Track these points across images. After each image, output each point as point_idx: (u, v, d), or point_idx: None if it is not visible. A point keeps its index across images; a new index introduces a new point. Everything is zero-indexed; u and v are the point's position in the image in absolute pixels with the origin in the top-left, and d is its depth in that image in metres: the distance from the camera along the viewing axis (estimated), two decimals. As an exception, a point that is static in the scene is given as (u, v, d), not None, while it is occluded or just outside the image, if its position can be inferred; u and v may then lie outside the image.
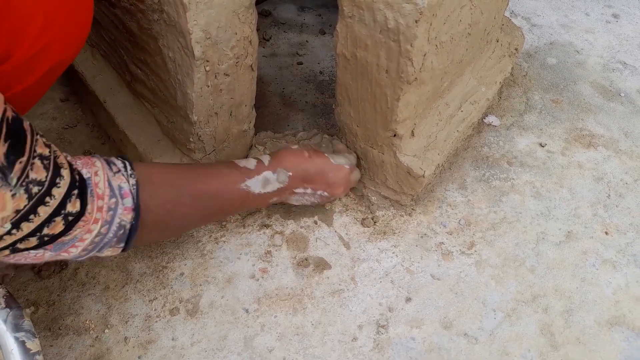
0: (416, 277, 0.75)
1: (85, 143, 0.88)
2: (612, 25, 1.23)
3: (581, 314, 0.73)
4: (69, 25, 0.50)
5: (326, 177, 0.70)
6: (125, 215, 0.51)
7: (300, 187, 0.69)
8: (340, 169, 0.71)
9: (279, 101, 0.98)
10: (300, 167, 0.68)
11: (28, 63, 0.48)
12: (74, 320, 0.68)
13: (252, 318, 0.70)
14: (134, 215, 0.52)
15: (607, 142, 0.96)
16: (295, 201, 0.72)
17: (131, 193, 0.51)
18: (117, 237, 0.51)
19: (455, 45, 0.71)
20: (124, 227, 0.51)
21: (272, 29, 1.14)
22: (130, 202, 0.51)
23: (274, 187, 0.66)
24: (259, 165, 0.66)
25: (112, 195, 0.50)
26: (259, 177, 0.65)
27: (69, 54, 0.53)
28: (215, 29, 0.58)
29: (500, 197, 0.86)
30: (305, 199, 0.72)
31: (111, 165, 0.52)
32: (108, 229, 0.50)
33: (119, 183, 0.51)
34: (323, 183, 0.70)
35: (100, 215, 0.49)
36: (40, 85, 0.53)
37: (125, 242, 0.53)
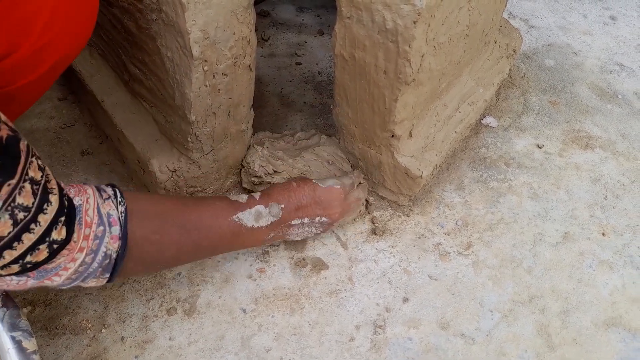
0: (413, 278, 0.75)
1: (82, 142, 0.88)
2: (610, 27, 1.23)
3: (578, 314, 0.73)
4: (74, 20, 0.50)
5: (319, 201, 0.68)
6: (111, 244, 0.49)
7: (295, 217, 0.67)
8: (331, 190, 0.70)
9: (277, 101, 0.98)
10: (291, 198, 0.67)
11: (33, 57, 0.48)
12: (71, 319, 0.68)
13: (249, 318, 0.70)
14: (121, 244, 0.50)
15: (604, 143, 0.96)
16: (297, 235, 0.70)
17: (119, 221, 0.50)
18: (102, 267, 0.50)
19: (453, 47, 0.72)
20: (109, 257, 0.50)
21: (270, 29, 1.14)
22: (118, 230, 0.50)
23: (267, 220, 0.65)
24: (251, 200, 0.65)
25: (100, 223, 0.49)
26: (251, 210, 0.64)
27: (73, 49, 0.52)
28: (214, 29, 0.59)
29: (498, 198, 0.86)
30: (305, 230, 0.70)
31: (101, 192, 0.51)
32: (93, 258, 0.49)
33: (107, 210, 0.50)
34: (317, 208, 0.69)
35: (86, 244, 0.48)
36: (44, 81, 0.53)
37: (111, 273, 0.51)
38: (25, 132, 0.88)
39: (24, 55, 0.47)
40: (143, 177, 0.78)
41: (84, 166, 0.84)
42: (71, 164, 0.84)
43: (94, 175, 0.83)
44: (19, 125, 0.88)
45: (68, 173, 0.83)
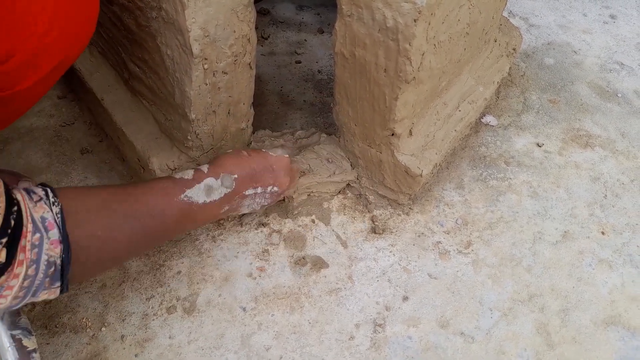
0: (413, 276, 0.75)
1: (82, 141, 0.87)
2: (610, 26, 1.23)
3: (577, 313, 0.73)
4: (75, 23, 0.49)
5: (270, 168, 0.67)
6: (52, 250, 0.45)
7: (249, 187, 0.65)
8: (281, 158, 0.69)
9: (277, 100, 0.98)
10: (244, 167, 0.64)
11: (33, 60, 0.47)
12: (71, 318, 0.68)
13: (249, 316, 0.70)
14: (63, 248, 0.46)
15: (604, 142, 0.96)
16: (247, 207, 0.67)
17: (56, 223, 0.45)
18: (49, 277, 0.45)
19: (454, 45, 0.71)
20: (54, 264, 0.45)
21: (270, 27, 1.14)
22: (57, 233, 0.45)
23: (220, 193, 0.61)
24: (198, 174, 0.61)
25: (35, 231, 0.44)
26: (200, 186, 0.60)
27: (74, 51, 0.52)
28: (214, 27, 0.58)
29: (498, 196, 0.86)
30: (256, 201, 0.68)
31: (31, 194, 0.46)
32: (36, 269, 0.44)
33: (41, 214, 0.45)
34: (270, 177, 0.67)
35: (24, 256, 0.43)
36: (45, 83, 0.52)
37: (61, 281, 0.47)
38: (25, 130, 0.88)
39: (24, 59, 0.46)
40: (143, 175, 0.78)
41: (83, 164, 0.84)
42: (71, 162, 0.84)
43: (94, 174, 0.83)
44: (18, 123, 0.88)
45: (67, 171, 0.83)
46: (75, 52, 0.52)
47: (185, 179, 0.60)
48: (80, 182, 0.82)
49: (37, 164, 0.83)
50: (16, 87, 0.48)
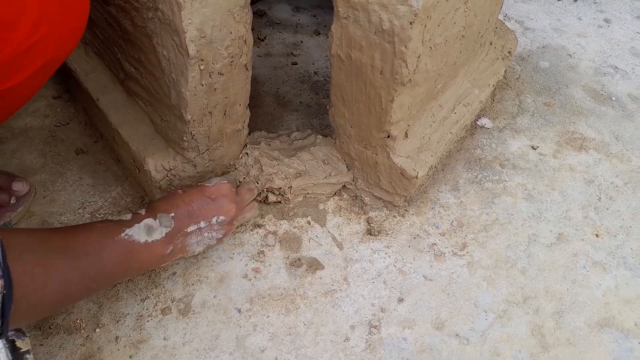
0: (408, 278, 0.75)
1: (77, 141, 0.87)
2: (604, 30, 1.24)
3: (571, 315, 0.74)
4: (64, 21, 0.49)
5: (209, 200, 0.66)
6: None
7: (191, 223, 0.64)
8: (219, 186, 0.67)
9: (273, 101, 0.98)
10: (180, 205, 0.64)
11: (20, 58, 0.46)
12: (65, 319, 0.67)
13: (244, 318, 0.70)
14: (3, 283, 0.43)
15: (598, 145, 0.97)
16: (197, 245, 0.66)
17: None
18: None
19: (449, 48, 0.72)
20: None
21: (266, 28, 1.14)
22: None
23: (161, 232, 0.61)
24: (136, 216, 0.61)
25: None
26: (140, 225, 0.59)
27: (63, 50, 0.51)
28: (210, 27, 0.58)
29: (493, 199, 0.86)
30: (205, 236, 0.66)
31: None
32: None
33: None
34: (210, 208, 0.66)
35: None
36: (35, 81, 0.51)
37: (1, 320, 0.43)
38: (19, 130, 0.87)
39: (11, 57, 0.45)
40: (138, 176, 0.78)
41: (78, 165, 0.84)
42: (65, 162, 0.84)
43: (89, 174, 0.83)
44: (13, 123, 0.87)
45: (62, 172, 0.83)
46: (65, 50, 0.51)
47: (124, 219, 0.60)
48: (75, 183, 0.81)
49: (31, 164, 0.83)
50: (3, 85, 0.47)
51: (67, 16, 0.49)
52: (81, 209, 0.78)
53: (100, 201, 0.79)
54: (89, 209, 0.78)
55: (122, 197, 0.80)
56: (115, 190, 0.81)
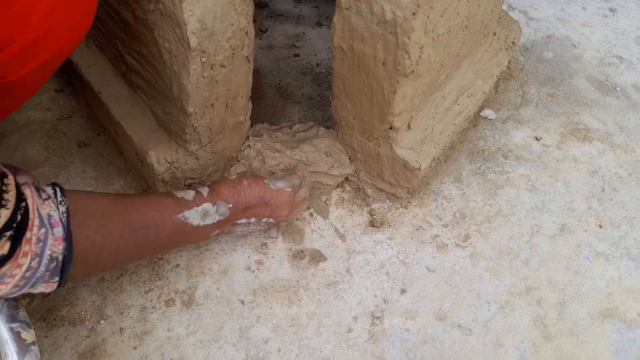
0: (411, 269, 0.75)
1: (80, 134, 0.87)
2: (609, 20, 1.23)
3: (574, 306, 0.74)
4: (72, 14, 0.49)
5: (268, 203, 0.68)
6: (56, 246, 0.47)
7: (242, 217, 0.67)
8: (281, 193, 0.69)
9: (275, 93, 0.98)
10: (240, 198, 0.65)
11: (29, 49, 0.47)
12: (70, 311, 0.68)
13: (247, 309, 0.70)
14: (66, 245, 0.48)
15: (602, 136, 0.96)
16: (240, 232, 0.69)
17: (61, 221, 0.48)
18: (49, 271, 0.48)
19: (452, 38, 0.71)
20: (55, 259, 0.48)
21: (268, 20, 1.13)
22: (61, 231, 0.48)
23: (213, 219, 0.63)
24: (198, 197, 0.63)
25: (41, 226, 0.46)
26: (198, 209, 0.62)
27: (71, 42, 0.51)
28: (212, 19, 0.58)
29: (496, 190, 0.86)
30: (250, 228, 0.69)
31: (40, 192, 0.49)
32: (39, 262, 0.47)
33: (48, 211, 0.47)
34: (266, 210, 0.68)
35: (29, 248, 0.45)
36: (41, 74, 0.52)
37: (60, 276, 0.49)
38: (22, 124, 0.87)
39: (20, 48, 0.46)
40: (141, 168, 0.78)
41: (81, 158, 0.84)
42: (68, 155, 0.84)
43: (92, 167, 0.83)
44: (16, 117, 0.88)
45: (65, 165, 0.83)
46: (72, 43, 0.52)
47: (186, 199, 0.62)
48: (78, 176, 0.82)
49: (34, 157, 0.83)
50: (11, 77, 0.48)
51: (77, 9, 0.49)
52: (85, 202, 0.78)
53: (103, 194, 0.80)
54: (93, 201, 0.78)
55: (125, 190, 0.81)
56: (118, 183, 0.81)
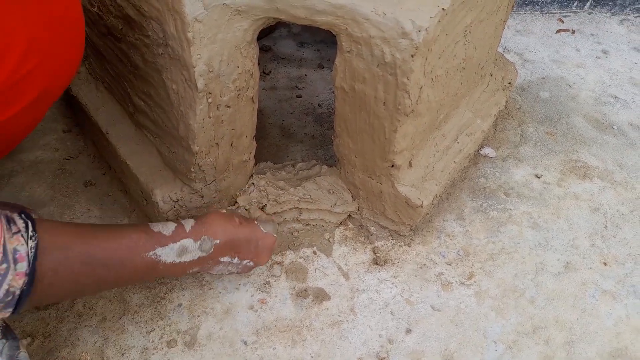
0: (416, 308, 0.75)
1: (86, 173, 0.88)
2: (602, 61, 1.27)
3: (582, 345, 0.72)
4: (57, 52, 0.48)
5: (255, 245, 0.66)
6: (16, 280, 0.47)
7: (227, 255, 0.64)
8: (269, 237, 0.67)
9: (279, 133, 1.00)
10: (230, 235, 0.62)
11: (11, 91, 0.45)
12: (70, 352, 0.67)
13: (250, 350, 0.69)
14: (27, 280, 0.47)
15: (602, 173, 0.97)
16: (218, 271, 0.66)
17: (27, 257, 0.47)
18: (4, 303, 0.47)
19: (451, 79, 0.73)
20: (12, 294, 0.47)
21: (272, 63, 1.17)
22: (25, 266, 0.47)
23: (193, 255, 0.60)
24: (178, 231, 0.59)
25: (3, 261, 0.46)
26: (174, 245, 0.58)
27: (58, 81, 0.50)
28: (218, 62, 0.60)
29: (499, 227, 0.86)
30: (229, 269, 0.66)
31: (11, 224, 0.48)
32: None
33: (15, 245, 0.47)
34: (251, 252, 0.66)
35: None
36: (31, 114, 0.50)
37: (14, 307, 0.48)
38: (29, 163, 0.89)
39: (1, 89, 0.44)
40: (145, 207, 0.79)
41: (87, 197, 0.85)
42: (74, 194, 0.85)
43: (97, 206, 0.83)
44: (23, 157, 0.89)
45: (71, 204, 0.84)
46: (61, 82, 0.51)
47: (162, 233, 0.58)
48: (83, 215, 0.82)
49: (40, 197, 0.84)
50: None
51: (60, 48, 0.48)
52: (88, 241, 0.78)
53: (107, 233, 0.80)
54: (96, 240, 0.78)
55: (129, 229, 0.81)
56: (122, 221, 0.82)
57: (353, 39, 0.62)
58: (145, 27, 0.60)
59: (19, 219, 0.49)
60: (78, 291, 0.57)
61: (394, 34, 0.58)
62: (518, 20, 1.38)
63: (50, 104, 0.53)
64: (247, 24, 0.60)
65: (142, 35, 0.62)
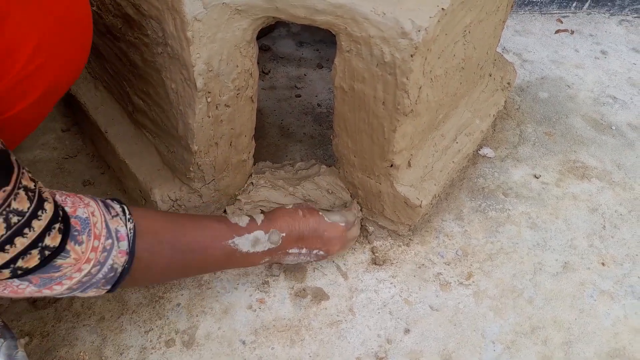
0: (414, 308, 0.75)
1: (84, 172, 0.88)
2: (601, 61, 1.27)
3: (581, 345, 0.72)
4: (64, 50, 0.49)
5: (321, 235, 0.69)
6: (119, 258, 0.50)
7: (294, 247, 0.68)
8: (335, 226, 0.70)
9: (278, 132, 1.00)
10: (295, 228, 0.67)
11: (20, 86, 0.47)
12: (68, 351, 0.67)
13: (248, 350, 0.69)
14: (128, 259, 0.51)
15: (601, 173, 0.97)
16: (290, 261, 0.70)
17: (127, 237, 0.51)
18: (106, 279, 0.50)
19: (450, 79, 0.74)
20: (115, 270, 0.50)
21: (271, 62, 1.17)
22: (126, 245, 0.51)
23: (264, 247, 0.65)
24: (251, 224, 0.64)
25: (108, 237, 0.50)
26: (249, 236, 0.63)
27: (64, 79, 0.51)
28: (218, 62, 0.60)
29: (497, 227, 0.86)
30: (300, 258, 0.70)
31: (109, 208, 0.52)
32: (99, 270, 0.49)
33: (116, 226, 0.51)
34: (318, 242, 0.69)
35: (94, 255, 0.48)
36: (35, 112, 0.51)
37: (113, 285, 0.52)
38: (28, 162, 0.89)
39: (11, 84, 0.46)
40: (144, 206, 0.78)
41: (85, 196, 0.85)
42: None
43: (95, 205, 0.83)
44: (22, 155, 0.89)
45: (69, 203, 0.83)
46: (66, 79, 0.52)
47: (239, 225, 0.64)
48: (82, 214, 0.82)
49: (39, 195, 0.84)
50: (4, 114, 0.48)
51: (68, 45, 0.49)
52: (87, 240, 0.78)
53: (105, 232, 0.80)
54: (95, 239, 0.78)
55: (128, 228, 0.81)
56: (121, 221, 0.82)
57: (352, 39, 0.62)
58: (144, 26, 0.60)
59: (116, 204, 0.53)
60: (167, 275, 0.62)
61: (393, 34, 0.58)
62: (517, 21, 1.38)
63: (55, 101, 0.54)
64: (247, 24, 0.60)
65: (141, 34, 0.62)
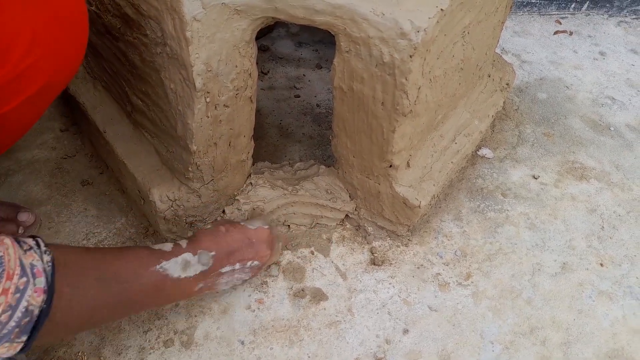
0: (413, 309, 0.75)
1: (83, 172, 0.88)
2: (600, 62, 1.27)
3: (579, 346, 0.73)
4: (60, 47, 0.48)
5: (250, 243, 0.66)
6: (35, 298, 0.43)
7: (226, 264, 0.64)
8: (261, 230, 0.68)
9: (277, 132, 1.00)
10: (222, 244, 0.64)
11: (14, 82, 0.45)
12: (67, 351, 0.66)
13: (247, 350, 0.69)
14: (45, 298, 0.44)
15: (599, 174, 0.98)
16: (226, 284, 0.66)
17: (45, 272, 0.45)
18: (19, 327, 0.43)
19: (449, 80, 0.74)
20: (30, 314, 0.43)
21: (270, 63, 1.17)
22: (43, 282, 0.44)
23: (196, 269, 0.61)
24: (176, 248, 0.61)
25: (22, 274, 0.43)
26: (178, 259, 0.59)
27: (59, 76, 0.50)
28: (217, 62, 0.60)
29: (496, 228, 0.86)
30: (234, 278, 0.67)
31: (21, 243, 0.46)
32: (10, 316, 0.42)
33: (31, 261, 0.44)
34: (249, 251, 0.66)
35: (3, 300, 0.41)
36: (31, 108, 0.50)
37: (29, 335, 0.44)
38: (26, 162, 0.88)
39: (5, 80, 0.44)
40: (143, 207, 0.78)
41: (83, 196, 0.85)
42: (71, 193, 0.85)
43: (94, 205, 0.83)
44: (20, 155, 0.89)
45: (68, 203, 0.83)
46: (62, 77, 0.51)
47: (164, 250, 0.60)
48: (80, 214, 0.82)
49: (37, 195, 0.84)
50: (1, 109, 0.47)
51: (63, 42, 0.48)
52: (85, 240, 0.78)
53: (104, 232, 0.80)
54: (93, 240, 0.78)
55: (126, 228, 0.81)
56: (119, 221, 0.82)
57: (352, 39, 0.62)
58: (143, 26, 0.60)
59: (27, 238, 0.47)
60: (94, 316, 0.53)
61: (392, 34, 0.59)
62: (516, 22, 1.38)
63: (51, 100, 0.53)
64: (246, 24, 0.60)
65: (140, 34, 0.62)
